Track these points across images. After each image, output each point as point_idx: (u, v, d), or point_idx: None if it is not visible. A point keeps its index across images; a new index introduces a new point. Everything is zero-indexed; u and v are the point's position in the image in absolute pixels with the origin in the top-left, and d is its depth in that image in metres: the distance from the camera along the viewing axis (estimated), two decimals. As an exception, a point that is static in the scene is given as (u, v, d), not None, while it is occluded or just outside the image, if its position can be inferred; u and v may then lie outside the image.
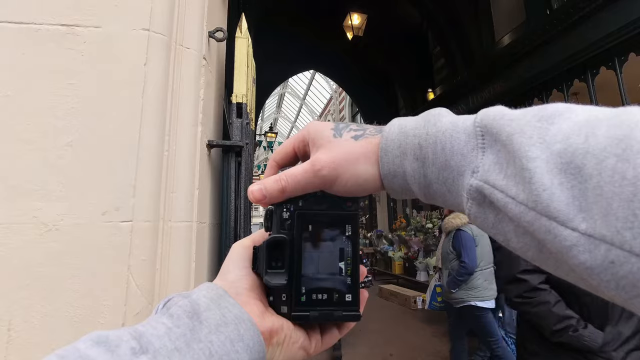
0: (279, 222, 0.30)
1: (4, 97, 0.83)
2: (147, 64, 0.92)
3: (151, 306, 0.86)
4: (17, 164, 0.82)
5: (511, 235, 0.24)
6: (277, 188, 0.30)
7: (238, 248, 0.32)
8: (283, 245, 0.29)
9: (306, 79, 20.00)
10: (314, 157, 0.30)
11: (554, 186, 0.20)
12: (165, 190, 0.93)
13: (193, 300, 0.26)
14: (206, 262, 1.14)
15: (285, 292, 0.29)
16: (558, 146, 0.21)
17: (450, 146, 0.26)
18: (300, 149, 0.33)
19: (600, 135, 0.19)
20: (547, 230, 0.20)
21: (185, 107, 1.00)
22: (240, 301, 0.27)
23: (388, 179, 0.29)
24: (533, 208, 0.21)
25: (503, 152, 0.24)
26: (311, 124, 0.33)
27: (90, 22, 0.90)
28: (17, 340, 0.77)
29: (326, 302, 0.29)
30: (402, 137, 0.29)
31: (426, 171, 0.27)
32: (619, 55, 4.25)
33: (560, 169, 0.20)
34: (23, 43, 0.86)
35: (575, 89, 4.99)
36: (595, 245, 0.19)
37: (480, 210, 0.25)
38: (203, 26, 1.10)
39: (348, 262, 0.30)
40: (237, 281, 0.29)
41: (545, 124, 0.23)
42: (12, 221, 0.80)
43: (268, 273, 0.28)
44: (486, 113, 0.26)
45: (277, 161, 0.35)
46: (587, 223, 0.19)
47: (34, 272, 0.79)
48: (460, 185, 0.26)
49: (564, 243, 0.20)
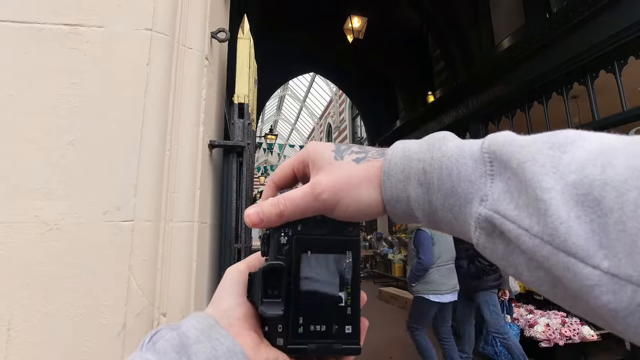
0: (276, 248, 0.29)
1: (6, 97, 0.83)
2: (149, 64, 0.92)
3: (152, 306, 0.86)
4: (19, 163, 0.82)
5: (523, 268, 0.23)
6: (275, 212, 0.28)
7: (233, 273, 0.30)
8: (280, 272, 0.27)
9: (306, 81, 20.05)
10: (314, 180, 0.29)
11: (571, 219, 0.19)
12: (166, 190, 0.93)
13: (182, 332, 0.24)
14: (207, 262, 1.14)
15: (281, 322, 0.28)
16: (573, 176, 0.20)
17: (457, 172, 0.25)
18: (299, 171, 0.32)
19: (619, 165, 0.19)
20: (566, 267, 0.19)
21: (188, 107, 1.00)
22: (233, 332, 0.26)
23: (391, 204, 0.28)
24: (549, 242, 0.20)
25: (514, 180, 0.23)
26: (311, 144, 0.32)
27: (93, 21, 0.91)
28: (17, 340, 0.77)
29: (325, 334, 0.27)
30: (405, 161, 0.28)
31: (431, 197, 0.26)
32: (618, 58, 4.26)
33: (577, 200, 0.19)
34: (25, 42, 0.87)
35: (574, 92, 5.00)
36: (621, 286, 0.17)
37: (489, 241, 0.24)
38: (205, 26, 1.10)
39: (348, 291, 0.28)
40: (229, 310, 0.28)
41: (558, 152, 0.21)
42: (13, 220, 0.80)
43: (263, 303, 0.27)
44: (494, 139, 0.25)
45: (275, 182, 0.33)
46: (609, 261, 0.18)
47: (35, 272, 0.79)
48: (467, 213, 0.25)
49: (585, 282, 0.19)
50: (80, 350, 0.79)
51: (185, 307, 0.93)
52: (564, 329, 3.71)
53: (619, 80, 4.27)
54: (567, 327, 3.74)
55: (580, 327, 3.73)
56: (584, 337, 3.69)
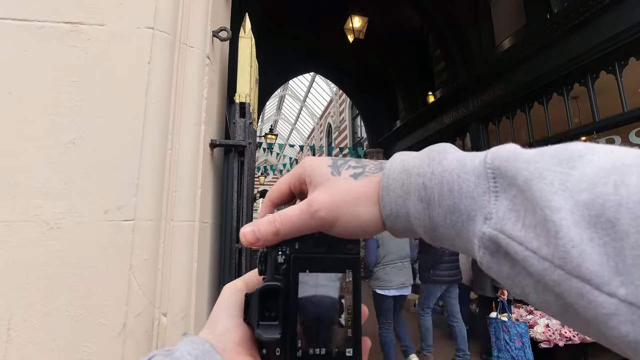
0: (273, 267, 0.28)
1: (7, 94, 0.83)
2: (151, 63, 0.91)
3: (153, 306, 0.86)
4: (19, 161, 0.81)
5: (530, 290, 0.22)
6: (271, 230, 0.28)
7: (230, 292, 0.30)
8: (277, 293, 0.27)
9: (306, 81, 20.04)
10: (311, 197, 0.28)
11: (585, 242, 0.18)
12: (167, 189, 0.92)
13: (175, 358, 0.24)
14: (208, 262, 1.14)
15: (279, 346, 0.27)
16: (584, 195, 0.19)
17: (459, 188, 0.24)
18: (296, 187, 0.32)
19: (633, 184, 0.18)
20: (579, 293, 0.18)
21: (189, 106, 1.00)
22: (228, 357, 0.25)
23: (390, 220, 0.27)
24: (560, 266, 0.19)
25: (520, 198, 0.22)
26: (306, 160, 0.31)
27: (94, 19, 0.90)
28: (16, 339, 0.76)
29: (325, 358, 0.26)
30: (404, 176, 0.27)
31: (432, 213, 0.26)
32: (619, 59, 4.26)
33: (589, 222, 0.18)
34: (26, 40, 0.86)
35: (575, 92, 5.00)
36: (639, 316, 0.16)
37: (494, 260, 0.23)
38: (207, 25, 1.09)
39: (349, 312, 0.27)
40: (225, 334, 0.27)
41: (566, 168, 0.20)
42: (13, 219, 0.79)
43: (260, 326, 0.26)
44: (497, 153, 0.24)
45: (272, 201, 0.33)
46: (627, 288, 0.17)
47: (35, 271, 0.78)
48: (470, 231, 0.24)
49: (600, 310, 0.18)
50: (80, 350, 0.78)
51: (186, 307, 0.93)
52: (564, 330, 3.71)
53: (620, 81, 4.27)
54: (566, 327, 3.74)
55: (580, 328, 3.72)
56: (583, 338, 3.69)
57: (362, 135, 14.46)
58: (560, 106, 5.05)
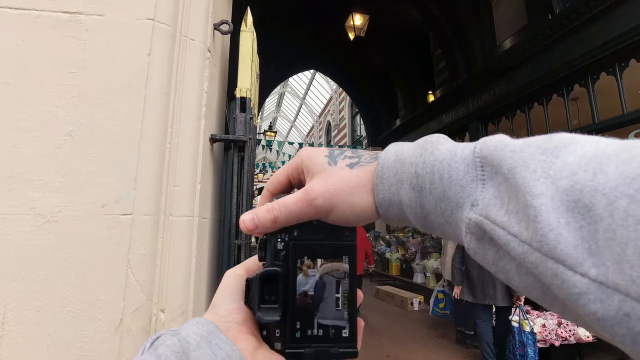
0: (272, 253, 0.29)
1: (3, 85, 0.81)
2: (150, 55, 0.90)
3: (150, 302, 0.84)
4: (15, 153, 0.80)
5: (513, 274, 0.23)
6: (270, 218, 0.29)
7: (231, 277, 0.31)
8: (276, 278, 0.28)
9: (306, 78, 19.98)
10: (307, 185, 0.30)
11: (561, 226, 0.19)
12: (166, 183, 0.91)
13: (182, 338, 0.25)
14: (207, 258, 1.12)
15: (279, 327, 0.28)
16: (564, 182, 0.20)
17: (449, 176, 0.25)
18: (294, 177, 0.33)
19: (610, 172, 0.18)
20: (554, 274, 0.19)
21: (189, 100, 0.98)
22: (231, 337, 0.27)
23: (383, 208, 0.28)
24: (538, 249, 0.20)
25: (504, 185, 0.23)
26: (304, 150, 0.32)
27: (93, 10, 0.88)
28: (10, 334, 0.75)
29: (322, 338, 0.28)
30: (398, 165, 0.28)
31: (423, 201, 0.27)
32: (619, 61, 4.26)
33: (567, 207, 0.19)
34: (24, 29, 0.84)
35: (575, 94, 5.00)
36: (608, 294, 0.17)
37: (480, 246, 0.24)
38: (208, 18, 1.08)
39: (345, 295, 0.29)
40: (228, 315, 0.28)
41: (550, 156, 0.21)
42: (9, 212, 0.78)
43: (261, 309, 0.28)
44: (486, 143, 0.25)
45: (270, 191, 0.34)
46: (597, 269, 0.18)
47: (30, 265, 0.77)
48: (458, 217, 0.25)
49: (573, 290, 0.18)
50: (76, 346, 0.77)
51: (184, 303, 0.92)
52: (560, 330, 3.73)
53: (620, 82, 4.27)
54: (563, 327, 3.76)
55: (576, 328, 3.74)
56: (579, 338, 3.71)
57: (361, 133, 14.45)
58: (560, 107, 5.06)
